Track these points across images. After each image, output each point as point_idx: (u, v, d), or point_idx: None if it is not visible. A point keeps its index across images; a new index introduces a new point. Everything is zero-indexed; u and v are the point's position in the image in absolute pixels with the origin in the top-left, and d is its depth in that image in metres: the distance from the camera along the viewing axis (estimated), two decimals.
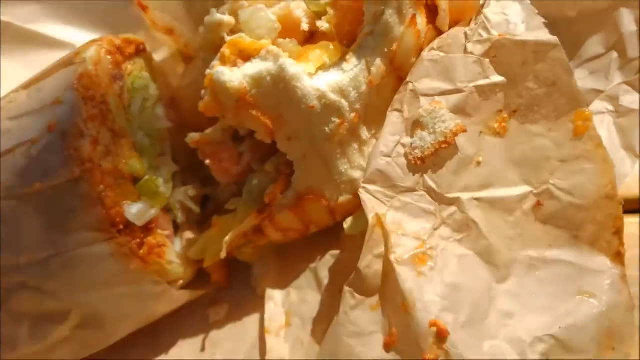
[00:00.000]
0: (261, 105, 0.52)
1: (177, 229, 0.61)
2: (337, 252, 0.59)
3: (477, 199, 0.51)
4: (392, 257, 0.48)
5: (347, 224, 0.56)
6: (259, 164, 0.59)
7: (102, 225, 0.51)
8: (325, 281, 0.59)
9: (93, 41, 0.57)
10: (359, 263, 0.49)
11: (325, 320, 0.57)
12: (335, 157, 0.55)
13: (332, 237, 0.60)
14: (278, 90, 0.52)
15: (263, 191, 0.58)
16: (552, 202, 0.50)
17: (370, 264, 0.49)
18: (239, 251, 0.61)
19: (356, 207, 0.57)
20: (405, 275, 0.48)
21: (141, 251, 0.54)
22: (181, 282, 0.59)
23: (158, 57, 0.68)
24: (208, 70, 0.52)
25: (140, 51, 0.62)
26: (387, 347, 0.49)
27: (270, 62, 0.52)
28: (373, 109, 0.56)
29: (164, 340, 0.62)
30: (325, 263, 0.60)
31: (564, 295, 0.47)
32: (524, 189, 0.51)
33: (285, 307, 0.59)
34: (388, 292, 0.49)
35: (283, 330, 0.58)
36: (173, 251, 0.59)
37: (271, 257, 0.62)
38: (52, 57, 0.61)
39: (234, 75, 0.51)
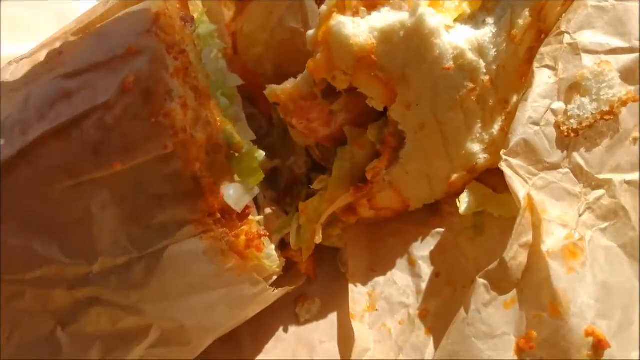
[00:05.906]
0: (386, 66, 0.42)
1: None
2: (439, 230, 0.50)
3: (627, 182, 0.43)
4: (543, 248, 0.40)
5: (463, 203, 0.47)
6: (352, 127, 0.48)
7: (196, 215, 0.38)
8: (421, 262, 0.50)
9: None
10: (504, 253, 0.41)
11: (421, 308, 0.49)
12: (455, 128, 0.46)
13: (427, 211, 0.51)
14: (409, 47, 0.42)
15: (357, 166, 0.48)
16: None
17: (516, 254, 0.41)
18: (326, 235, 0.51)
19: (466, 184, 0.49)
20: (558, 271, 0.40)
21: (239, 245, 0.42)
22: (275, 277, 0.48)
23: None
24: (332, 22, 0.41)
25: None
26: (521, 352, 0.42)
27: (406, 13, 0.41)
28: (504, 69, 0.46)
29: (246, 348, 0.50)
30: (423, 242, 0.51)
31: None
32: None
33: (369, 287, 0.50)
34: (528, 288, 0.41)
35: (367, 314, 0.49)
36: (268, 241, 0.46)
37: (361, 236, 0.53)
38: None
39: (359, 28, 0.41)
